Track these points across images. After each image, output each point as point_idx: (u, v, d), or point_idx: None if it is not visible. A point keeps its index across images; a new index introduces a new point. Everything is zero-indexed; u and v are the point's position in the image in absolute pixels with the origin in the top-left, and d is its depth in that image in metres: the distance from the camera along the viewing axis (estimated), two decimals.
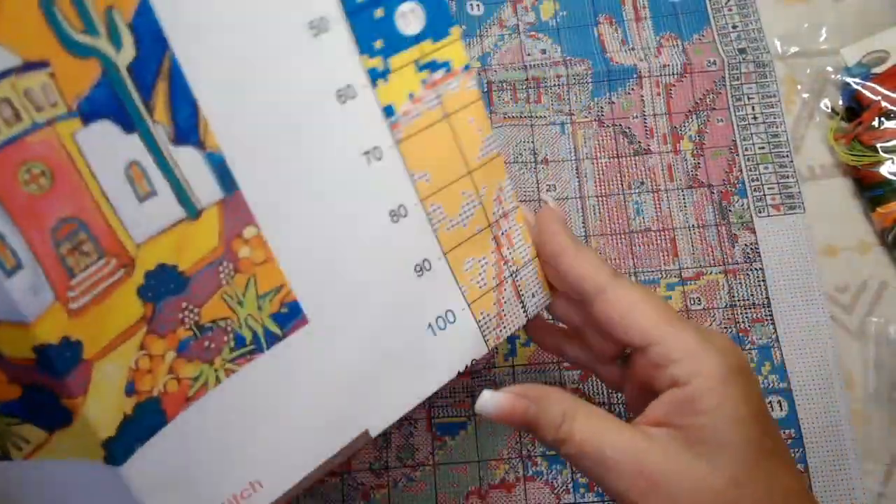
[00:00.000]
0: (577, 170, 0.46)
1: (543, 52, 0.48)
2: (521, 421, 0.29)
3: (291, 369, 0.28)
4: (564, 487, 0.40)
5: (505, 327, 0.33)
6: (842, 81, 0.46)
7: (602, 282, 0.30)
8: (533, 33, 0.49)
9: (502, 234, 0.32)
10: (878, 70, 0.45)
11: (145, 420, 0.25)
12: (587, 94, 0.47)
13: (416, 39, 0.30)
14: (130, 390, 0.25)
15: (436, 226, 0.31)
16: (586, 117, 0.47)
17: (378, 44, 0.29)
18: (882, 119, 0.44)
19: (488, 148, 0.32)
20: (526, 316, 0.33)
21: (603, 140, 0.46)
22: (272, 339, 0.28)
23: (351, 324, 0.29)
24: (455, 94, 0.31)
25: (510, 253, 0.32)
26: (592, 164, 0.46)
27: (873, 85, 0.44)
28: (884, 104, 0.44)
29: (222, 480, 0.27)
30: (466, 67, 0.31)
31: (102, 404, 0.24)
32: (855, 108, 0.45)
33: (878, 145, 0.43)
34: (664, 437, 0.28)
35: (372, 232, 0.29)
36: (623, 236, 0.44)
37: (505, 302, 0.33)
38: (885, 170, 0.43)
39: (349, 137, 0.29)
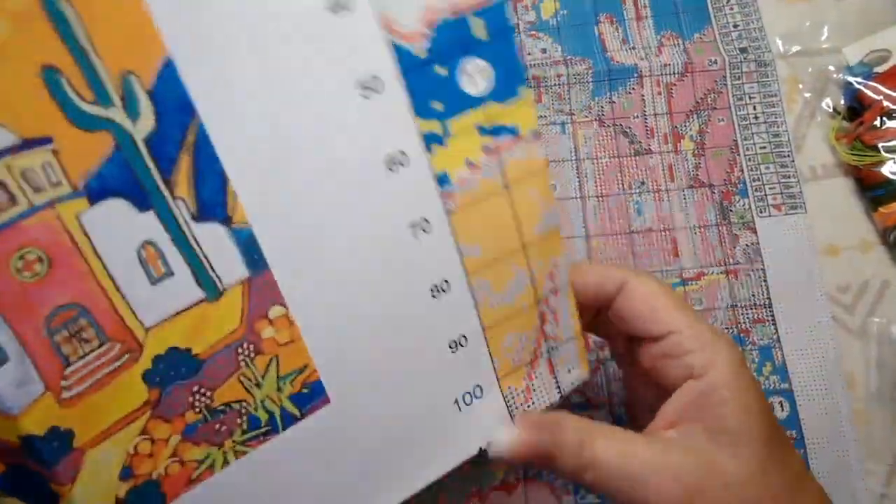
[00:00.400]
0: (577, 169, 0.46)
1: (544, 51, 0.48)
2: (536, 455, 0.28)
3: (307, 449, 0.26)
4: (565, 489, 0.40)
5: (533, 404, 0.31)
6: (844, 80, 0.46)
7: (622, 276, 0.30)
8: (533, 32, 0.48)
9: (549, 310, 0.30)
10: (879, 69, 0.45)
11: (140, 503, 0.24)
12: (587, 93, 0.47)
13: (481, 100, 0.26)
14: (126, 475, 0.23)
15: (479, 301, 0.28)
16: (587, 117, 0.46)
17: (437, 105, 0.26)
18: (884, 119, 0.44)
19: (548, 221, 0.28)
20: (559, 393, 0.31)
21: (603, 140, 0.46)
22: (289, 421, 0.26)
23: (376, 402, 0.27)
24: (519, 163, 0.27)
25: (553, 329, 0.30)
26: (593, 163, 0.46)
27: (875, 84, 0.44)
28: (885, 104, 0.43)
29: None
30: (535, 134, 0.27)
31: (92, 490, 0.23)
32: (857, 107, 0.45)
33: (880, 145, 0.43)
34: (684, 438, 0.28)
35: (409, 309, 0.27)
36: (624, 236, 0.44)
37: (536, 376, 0.30)
38: (887, 170, 0.43)
39: (396, 209, 0.26)
